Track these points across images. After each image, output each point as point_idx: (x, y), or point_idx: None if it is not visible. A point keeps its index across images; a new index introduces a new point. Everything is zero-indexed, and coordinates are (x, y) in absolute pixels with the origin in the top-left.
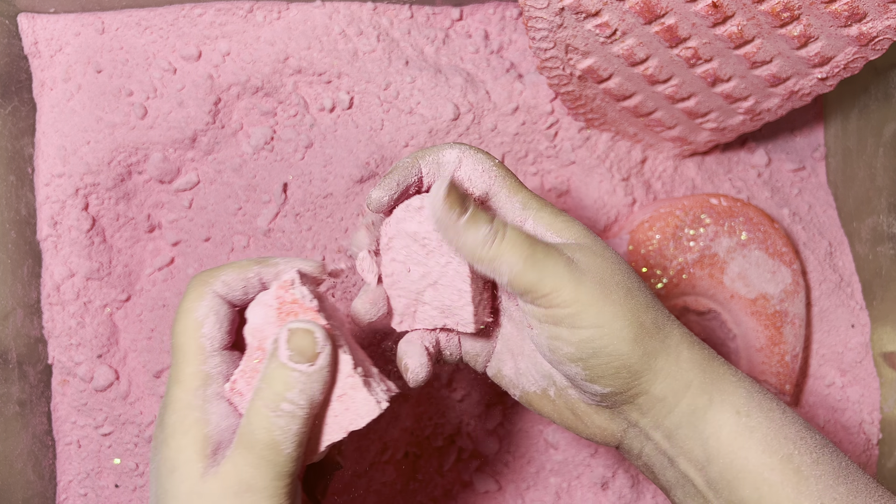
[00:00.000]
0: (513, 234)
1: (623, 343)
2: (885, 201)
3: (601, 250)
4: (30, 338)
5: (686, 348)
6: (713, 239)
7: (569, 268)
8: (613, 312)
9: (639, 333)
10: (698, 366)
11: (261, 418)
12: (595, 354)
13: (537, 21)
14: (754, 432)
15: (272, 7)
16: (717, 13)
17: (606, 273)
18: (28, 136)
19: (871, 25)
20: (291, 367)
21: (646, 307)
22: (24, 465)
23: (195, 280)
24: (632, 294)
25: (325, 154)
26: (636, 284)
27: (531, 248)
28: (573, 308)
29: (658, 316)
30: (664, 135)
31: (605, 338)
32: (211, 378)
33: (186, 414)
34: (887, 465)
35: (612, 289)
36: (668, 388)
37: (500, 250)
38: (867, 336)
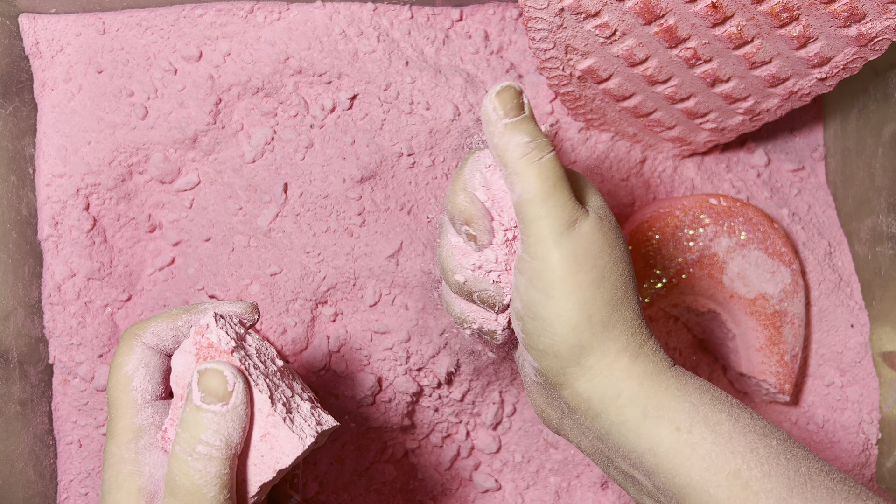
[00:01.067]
0: (549, 161)
1: (560, 325)
2: (885, 201)
3: (607, 228)
4: (31, 337)
5: (628, 358)
6: (712, 239)
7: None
8: (569, 291)
9: (580, 322)
10: (635, 378)
11: (180, 463)
12: (533, 319)
13: (537, 21)
14: (696, 449)
15: (273, 8)
16: (717, 14)
17: (594, 251)
18: (29, 137)
19: (870, 26)
20: (204, 409)
21: (605, 303)
22: (25, 464)
23: (126, 333)
24: (601, 284)
25: (325, 154)
26: (615, 277)
27: (553, 187)
28: (539, 264)
29: (613, 316)
30: (664, 135)
31: (548, 309)
32: (143, 430)
33: (120, 468)
34: (886, 464)
35: (584, 267)
36: (593, 391)
37: (526, 169)
38: (866, 336)
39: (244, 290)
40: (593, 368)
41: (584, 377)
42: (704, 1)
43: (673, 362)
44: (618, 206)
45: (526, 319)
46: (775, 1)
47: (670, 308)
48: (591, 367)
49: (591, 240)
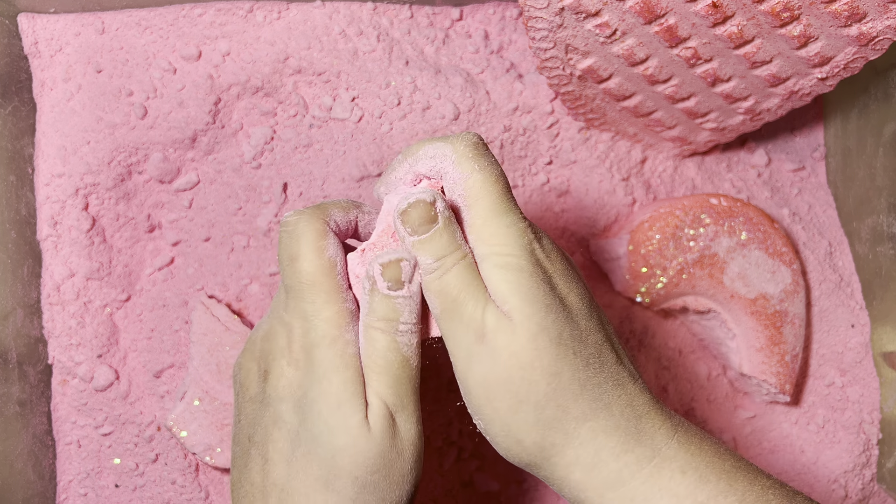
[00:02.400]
0: (451, 278)
1: (498, 445)
2: (885, 201)
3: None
4: (30, 338)
5: (580, 472)
6: (713, 239)
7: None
8: (490, 417)
9: (512, 447)
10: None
11: (387, 341)
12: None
13: (537, 21)
14: None
15: (272, 7)
16: (717, 13)
17: (504, 376)
18: (28, 136)
19: (870, 25)
20: (393, 295)
21: (532, 425)
22: (25, 464)
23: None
24: (519, 408)
25: (324, 154)
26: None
27: (453, 302)
28: (462, 385)
29: (548, 436)
30: (664, 135)
31: (485, 431)
32: (353, 314)
33: (345, 349)
34: (887, 464)
35: (496, 395)
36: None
37: (427, 286)
38: (867, 336)
39: (244, 290)
40: (549, 478)
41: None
42: (705, 0)
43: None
44: (618, 205)
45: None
46: (776, 0)
47: (670, 308)
48: (547, 476)
49: (504, 357)
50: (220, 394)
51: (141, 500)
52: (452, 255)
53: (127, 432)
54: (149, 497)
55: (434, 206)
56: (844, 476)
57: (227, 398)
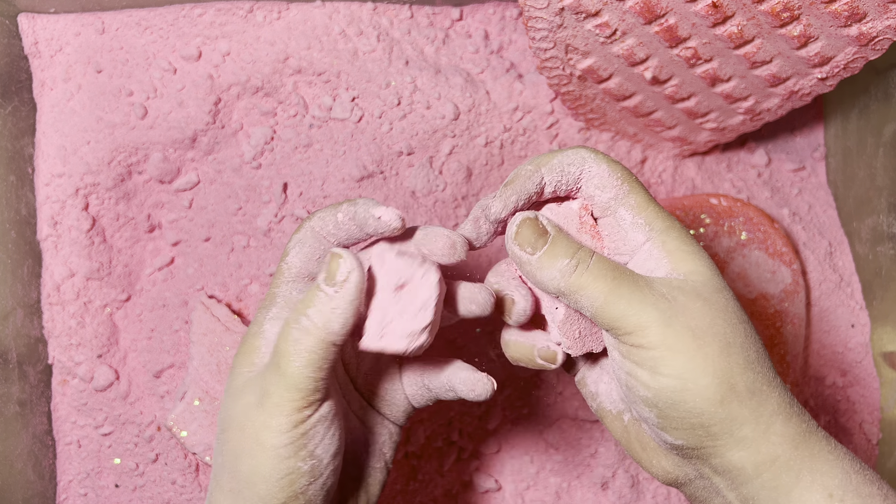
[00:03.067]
0: (597, 264)
1: (706, 402)
2: (885, 201)
3: (710, 293)
4: (30, 338)
5: (781, 421)
6: (713, 239)
7: (658, 307)
8: (702, 367)
9: (727, 396)
10: (790, 441)
11: (284, 328)
12: (673, 406)
13: (537, 21)
14: None
15: (272, 7)
16: (717, 13)
17: (706, 320)
18: (28, 136)
19: (870, 25)
20: (321, 287)
21: (744, 368)
22: (25, 464)
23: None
24: (730, 350)
25: (324, 154)
26: (740, 339)
27: (615, 281)
28: (657, 351)
29: (756, 379)
30: (664, 135)
31: (686, 392)
32: (277, 300)
33: (252, 328)
34: (887, 465)
35: (706, 339)
36: (748, 459)
37: (580, 282)
38: (867, 336)
39: (244, 290)
40: (747, 437)
41: (737, 446)
42: (705, 0)
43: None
44: None
45: (662, 407)
46: (776, 0)
47: None
48: (746, 436)
49: (696, 308)
50: (220, 394)
51: (141, 500)
52: (583, 248)
53: (127, 432)
54: (149, 497)
55: (538, 220)
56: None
57: None
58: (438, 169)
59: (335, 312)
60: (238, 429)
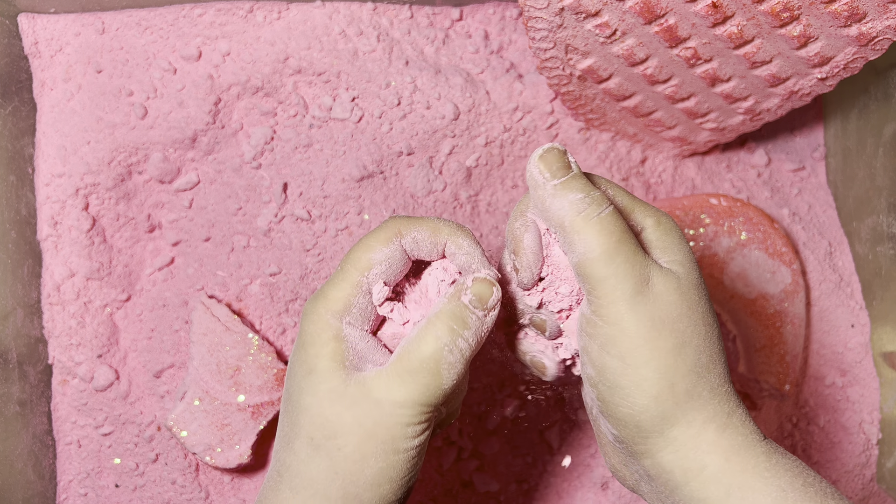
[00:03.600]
0: (610, 216)
1: (640, 395)
2: (885, 201)
3: (687, 288)
4: (30, 338)
5: (714, 429)
6: (713, 239)
7: (635, 286)
8: (648, 358)
9: (662, 392)
10: (721, 451)
11: (435, 345)
12: (610, 387)
13: (537, 21)
14: None
15: (272, 7)
16: (717, 13)
17: (672, 314)
18: (28, 136)
19: (870, 25)
20: (471, 310)
21: (689, 370)
22: (25, 464)
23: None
24: (682, 349)
25: (324, 154)
26: (697, 341)
27: (618, 243)
28: (613, 328)
29: (698, 383)
30: (664, 135)
31: (625, 378)
32: (352, 308)
33: (325, 328)
34: (887, 464)
35: (663, 333)
36: (676, 463)
37: (584, 226)
38: (867, 336)
39: (244, 290)
40: (677, 440)
41: (666, 448)
42: (705, 0)
43: (763, 435)
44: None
45: (601, 387)
46: (776, 0)
47: None
48: (675, 438)
49: (669, 300)
50: (220, 394)
51: (141, 499)
52: (601, 195)
53: (127, 432)
54: (149, 497)
55: (567, 154)
56: (844, 476)
57: (227, 398)
58: (438, 169)
59: (484, 335)
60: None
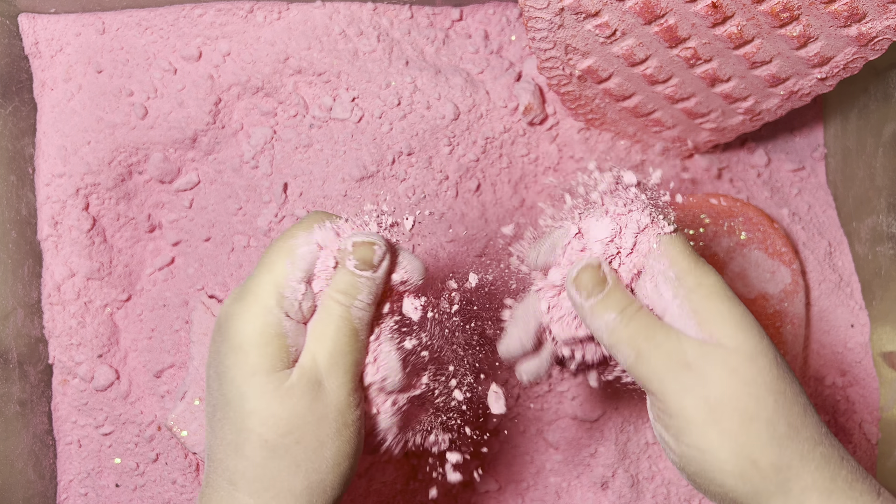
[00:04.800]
0: (637, 320)
1: (725, 476)
2: (885, 201)
3: (740, 361)
4: (30, 338)
5: (817, 497)
6: (712, 239)
7: (676, 376)
8: (719, 441)
9: (747, 471)
10: None
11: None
12: (697, 474)
13: (537, 21)
14: None
15: (272, 7)
16: (717, 13)
17: (728, 392)
18: (29, 136)
19: (870, 26)
20: (358, 274)
21: (767, 443)
22: (25, 464)
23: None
24: (751, 424)
25: (324, 154)
26: (767, 413)
27: (647, 342)
28: (677, 420)
29: (783, 455)
30: (664, 135)
31: (706, 463)
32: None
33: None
34: (887, 464)
35: (724, 413)
36: None
37: (619, 337)
38: (867, 336)
39: None
40: None
41: None
42: (705, 1)
43: (879, 489)
44: None
45: (689, 472)
46: (775, 1)
47: None
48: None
49: (721, 377)
50: None
51: (141, 499)
52: (632, 305)
53: (127, 432)
54: (149, 497)
55: (601, 268)
56: None
57: None
58: (439, 169)
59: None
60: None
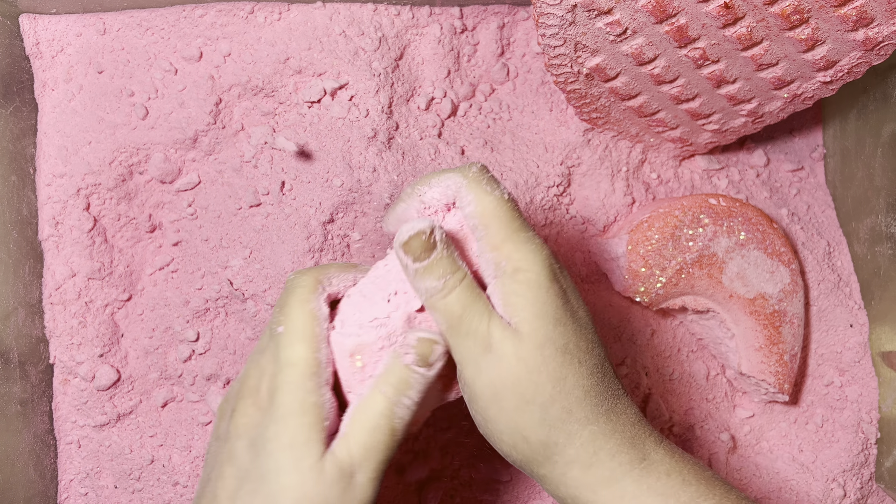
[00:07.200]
0: (456, 294)
1: (503, 444)
2: (884, 201)
3: (529, 349)
4: (31, 337)
5: (579, 468)
6: (712, 239)
7: (473, 357)
8: (496, 416)
9: (518, 444)
10: (588, 487)
11: (384, 406)
12: (485, 434)
13: (548, 17)
14: None
15: (273, 8)
16: (729, 14)
17: (512, 378)
18: (30, 137)
19: (877, 30)
20: (414, 371)
21: (538, 424)
22: (26, 464)
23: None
24: (526, 407)
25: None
26: (543, 398)
27: (459, 319)
28: (468, 390)
29: (551, 434)
30: (666, 135)
31: (488, 430)
32: (322, 366)
33: (306, 398)
34: (885, 464)
35: (504, 396)
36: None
37: (434, 306)
38: (865, 336)
39: None
40: (546, 478)
41: (542, 481)
42: (717, 1)
43: (642, 459)
44: (617, 205)
45: (480, 429)
46: (787, 3)
47: (669, 308)
48: (544, 476)
49: (508, 364)
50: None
51: (141, 500)
52: (454, 275)
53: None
54: (149, 498)
55: (432, 234)
56: (843, 475)
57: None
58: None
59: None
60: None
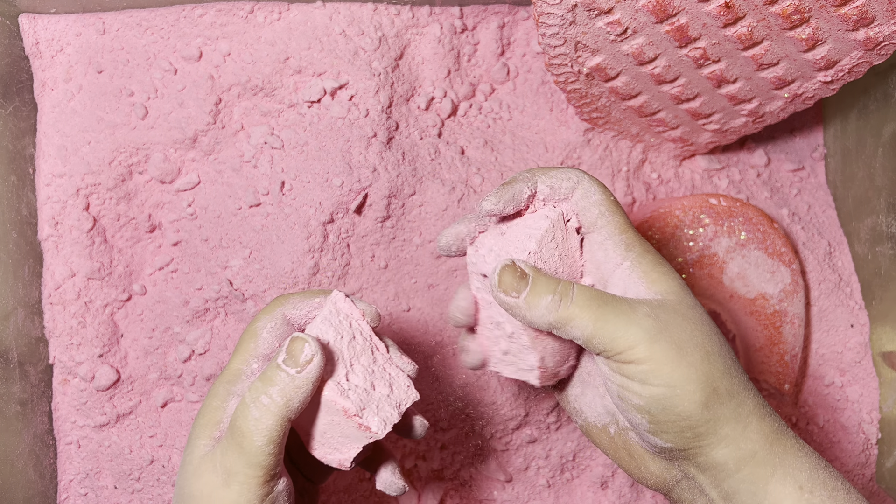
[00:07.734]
0: (581, 294)
1: (693, 405)
2: (884, 201)
3: (685, 309)
4: (31, 337)
5: (756, 419)
6: (712, 239)
7: (643, 326)
8: (687, 375)
9: (710, 398)
10: (765, 438)
11: (243, 407)
12: (663, 411)
13: (549, 17)
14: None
15: (273, 8)
16: (729, 14)
17: (686, 333)
18: (29, 137)
19: (878, 30)
20: (281, 368)
21: (722, 373)
22: (26, 464)
23: (274, 300)
24: (710, 358)
25: (324, 153)
26: (717, 348)
27: (601, 309)
28: (647, 365)
29: (734, 383)
30: (666, 135)
31: (675, 398)
32: (242, 376)
33: (211, 401)
34: (886, 464)
35: (688, 350)
36: (730, 455)
37: (568, 314)
38: (866, 336)
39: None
40: (729, 436)
41: (720, 444)
42: (717, 1)
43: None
44: None
45: (654, 413)
46: (788, 2)
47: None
48: (727, 434)
49: (677, 322)
50: None
51: (141, 500)
52: (561, 283)
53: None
54: (149, 498)
55: (516, 265)
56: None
57: None
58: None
59: (298, 392)
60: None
